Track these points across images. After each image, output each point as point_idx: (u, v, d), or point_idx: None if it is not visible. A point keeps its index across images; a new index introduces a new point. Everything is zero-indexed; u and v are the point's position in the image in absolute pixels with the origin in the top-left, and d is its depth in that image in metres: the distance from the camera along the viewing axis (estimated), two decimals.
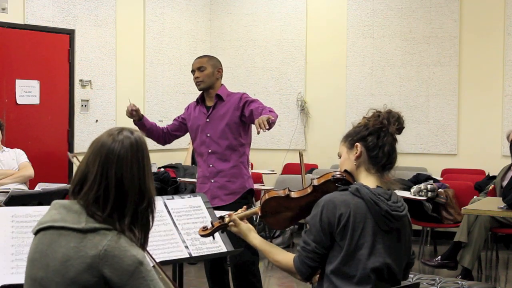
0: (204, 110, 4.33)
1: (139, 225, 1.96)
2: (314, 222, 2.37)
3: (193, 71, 4.35)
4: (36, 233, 1.99)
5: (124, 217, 1.93)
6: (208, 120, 4.28)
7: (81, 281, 1.87)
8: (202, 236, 2.69)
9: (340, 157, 2.54)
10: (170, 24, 8.30)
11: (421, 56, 7.92)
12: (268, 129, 3.76)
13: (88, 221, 1.90)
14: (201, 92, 4.38)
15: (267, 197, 2.59)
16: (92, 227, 1.89)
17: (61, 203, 1.98)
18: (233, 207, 4.09)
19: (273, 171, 7.94)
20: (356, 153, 2.45)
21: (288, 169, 8.26)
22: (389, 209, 2.36)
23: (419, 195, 6.27)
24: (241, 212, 2.65)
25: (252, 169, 7.63)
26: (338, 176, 2.50)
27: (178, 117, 4.51)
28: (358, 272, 2.32)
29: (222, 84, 4.36)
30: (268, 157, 8.53)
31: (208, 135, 4.27)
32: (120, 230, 1.91)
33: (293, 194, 2.57)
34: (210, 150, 4.27)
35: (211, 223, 2.71)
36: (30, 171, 5.63)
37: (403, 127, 2.50)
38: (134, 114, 4.25)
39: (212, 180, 4.26)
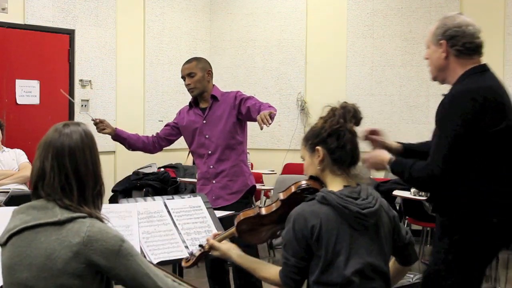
0: (199, 112, 4.30)
1: (97, 208, 2.06)
2: (289, 238, 2.32)
3: (183, 77, 4.28)
4: (7, 241, 2.01)
5: (88, 203, 2.01)
6: (205, 121, 4.26)
7: (70, 270, 1.91)
8: (186, 267, 2.76)
9: (303, 159, 2.48)
10: (170, 24, 8.30)
11: (421, 56, 7.78)
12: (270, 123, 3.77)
13: (63, 213, 1.97)
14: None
15: (240, 218, 2.58)
16: (69, 217, 1.96)
17: (27, 206, 2.04)
18: (236, 206, 4.09)
19: (273, 171, 7.94)
20: (319, 157, 2.39)
21: (288, 169, 8.25)
22: (359, 209, 2.30)
23: (419, 195, 6.26)
24: (219, 236, 2.65)
25: (252, 169, 7.63)
26: (304, 186, 2.45)
27: (170, 122, 4.45)
28: (339, 279, 2.27)
29: (214, 85, 4.33)
30: (268, 157, 8.53)
31: (207, 136, 4.26)
32: (93, 215, 1.99)
33: (263, 211, 2.54)
34: (209, 151, 4.25)
35: (192, 253, 2.75)
36: (30, 172, 5.61)
37: (361, 118, 2.42)
38: (100, 126, 4.24)
39: (214, 181, 4.25)
